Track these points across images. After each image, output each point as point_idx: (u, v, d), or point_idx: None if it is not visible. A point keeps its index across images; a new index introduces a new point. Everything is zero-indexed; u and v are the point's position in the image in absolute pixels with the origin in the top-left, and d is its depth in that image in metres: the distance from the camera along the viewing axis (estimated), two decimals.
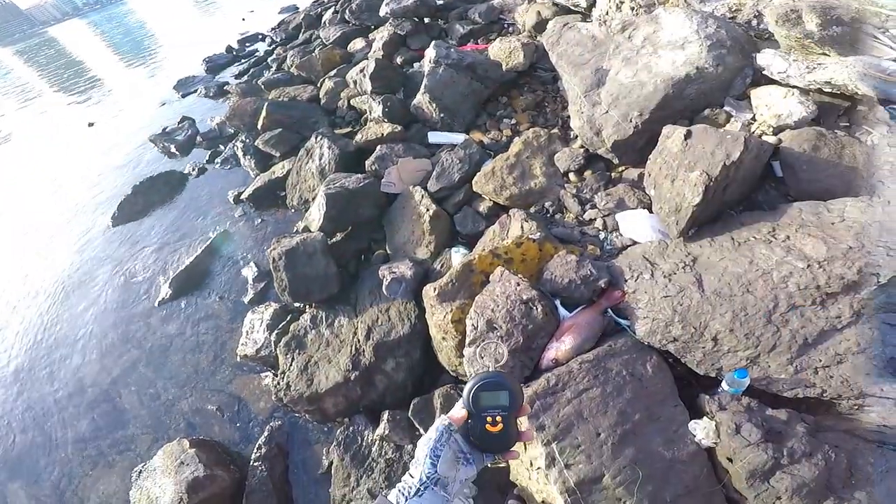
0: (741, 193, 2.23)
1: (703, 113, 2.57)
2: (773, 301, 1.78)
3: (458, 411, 0.84)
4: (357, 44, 5.27)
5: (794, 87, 2.54)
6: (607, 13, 3.58)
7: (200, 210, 4.49)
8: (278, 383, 2.43)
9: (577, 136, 2.85)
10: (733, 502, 1.60)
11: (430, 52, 3.52)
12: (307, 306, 2.73)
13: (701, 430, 1.66)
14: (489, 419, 0.82)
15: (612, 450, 1.64)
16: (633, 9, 3.49)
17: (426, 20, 5.05)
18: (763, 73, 2.66)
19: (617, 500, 1.58)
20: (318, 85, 4.81)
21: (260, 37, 10.52)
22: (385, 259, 2.83)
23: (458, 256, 2.50)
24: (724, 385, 1.74)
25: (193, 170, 5.19)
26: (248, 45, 10.30)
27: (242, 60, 8.96)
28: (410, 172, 2.96)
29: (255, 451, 2.41)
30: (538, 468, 1.70)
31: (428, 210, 2.67)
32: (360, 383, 2.29)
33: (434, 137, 3.26)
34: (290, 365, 2.44)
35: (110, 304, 3.78)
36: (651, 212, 2.28)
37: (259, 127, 4.43)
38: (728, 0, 3.36)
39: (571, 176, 2.70)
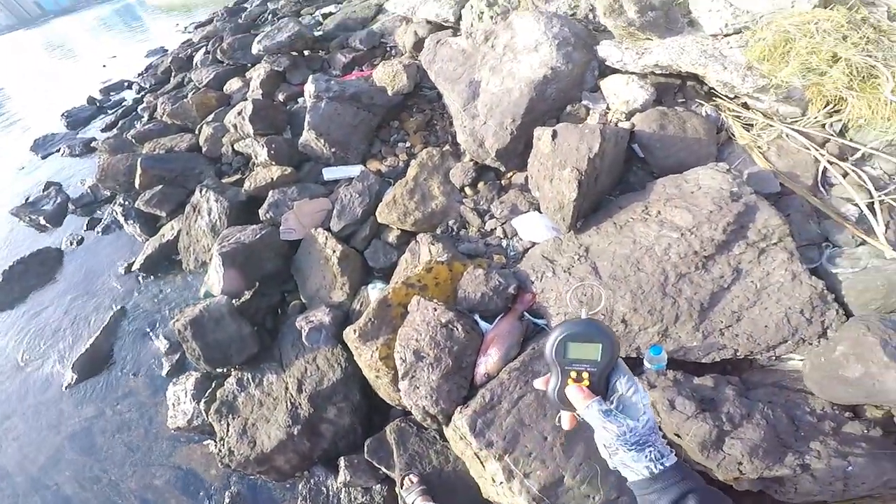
0: (613, 179, 2.44)
1: (566, 110, 2.75)
2: (663, 274, 1.96)
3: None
4: (233, 84, 4.97)
5: (632, 73, 2.78)
6: (472, 25, 3.73)
7: (88, 288, 4.00)
8: (220, 450, 2.31)
9: (465, 150, 2.93)
10: (701, 474, 1.62)
11: (310, 87, 3.41)
12: (230, 370, 2.59)
13: None
14: (573, 374, 0.72)
15: (562, 450, 1.68)
16: (492, 17, 3.68)
17: (305, 53, 4.87)
18: (606, 63, 2.87)
19: (585, 498, 1.60)
20: (197, 132, 4.46)
21: (126, 84, 9.56)
22: (302, 309, 2.74)
23: (375, 292, 2.48)
24: (646, 363, 1.81)
25: (71, 243, 4.58)
26: (112, 94, 9.33)
27: (108, 112, 8.06)
28: (309, 215, 2.85)
29: None
30: (500, 483, 1.71)
31: (334, 251, 2.61)
32: (307, 435, 2.22)
33: (329, 174, 3.17)
34: (228, 430, 2.33)
35: (8, 398, 3.35)
36: (541, 212, 2.42)
37: (137, 186, 4.02)
38: None
39: (467, 190, 2.77)
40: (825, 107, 2.47)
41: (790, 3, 2.65)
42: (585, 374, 0.71)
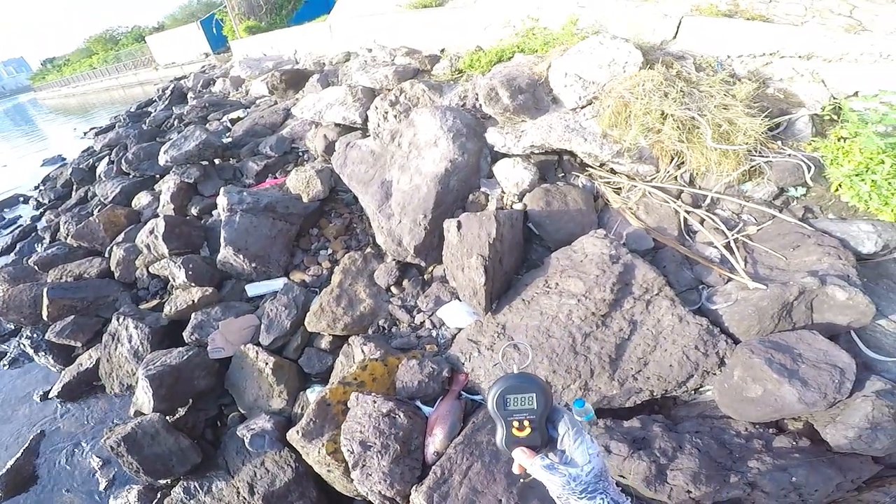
0: (516, 258, 2.70)
1: (469, 199, 3.01)
2: (571, 336, 2.21)
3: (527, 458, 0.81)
4: (142, 199, 4.80)
5: (516, 155, 3.10)
6: (378, 125, 4.01)
7: (1, 416, 3.66)
8: None
9: (386, 251, 3.01)
10: None
11: (222, 200, 3.41)
12: (174, 480, 2.53)
13: None
14: (516, 423, 0.80)
15: None
16: (395, 116, 4.02)
17: (216, 162, 4.79)
18: (495, 149, 3.19)
19: None
20: (107, 255, 4.22)
21: (21, 199, 8.90)
22: (242, 419, 2.70)
23: (314, 395, 2.52)
24: (576, 418, 2.03)
25: None
26: (6, 210, 8.61)
27: (3, 232, 7.43)
28: (236, 332, 2.84)
29: None
30: None
31: (267, 364, 2.62)
32: None
33: (253, 290, 3.16)
34: None
35: None
36: (460, 300, 2.63)
37: (45, 317, 3.74)
38: (457, 89, 4.08)
39: (393, 289, 2.87)
40: (671, 161, 2.93)
41: (622, 68, 3.16)
42: (527, 423, 0.81)
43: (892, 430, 1.64)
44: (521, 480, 0.88)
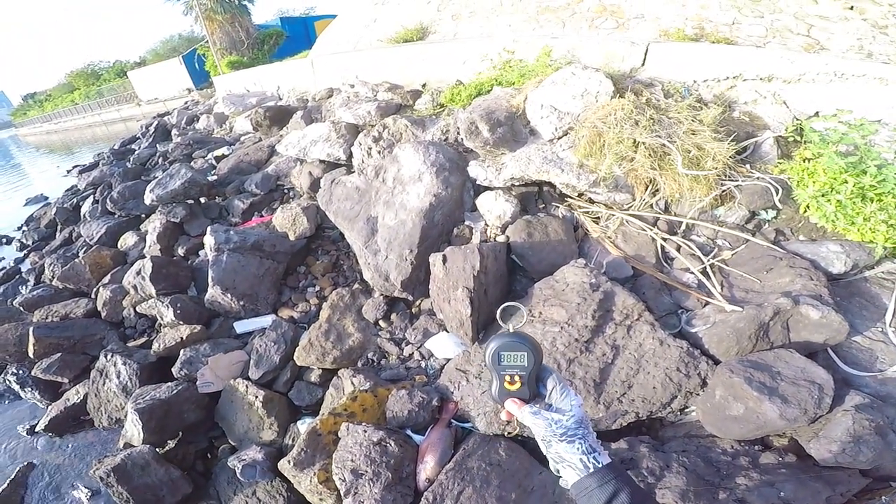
0: (501, 290, 2.77)
1: (454, 232, 3.07)
2: (556, 363, 2.24)
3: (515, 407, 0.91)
4: (128, 239, 4.78)
5: (497, 188, 3.18)
6: (363, 161, 4.09)
7: None
8: None
9: (374, 286, 3.04)
10: None
11: (209, 240, 3.44)
12: None
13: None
14: (507, 378, 0.90)
15: None
16: (379, 152, 4.12)
17: (202, 200, 4.81)
18: (477, 182, 3.27)
19: None
20: (93, 295, 4.21)
21: (4, 240, 8.75)
22: (232, 451, 2.71)
23: (304, 427, 2.54)
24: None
25: None
26: None
27: None
28: (226, 368, 2.86)
29: None
30: None
31: (257, 397, 2.65)
32: None
33: (241, 327, 3.19)
34: None
35: None
36: (448, 331, 2.68)
37: (31, 355, 3.75)
38: (439, 124, 4.15)
39: (381, 323, 2.91)
40: (646, 189, 2.99)
41: (594, 98, 3.24)
42: (517, 378, 0.90)
43: (874, 443, 1.68)
44: (507, 433, 0.91)
